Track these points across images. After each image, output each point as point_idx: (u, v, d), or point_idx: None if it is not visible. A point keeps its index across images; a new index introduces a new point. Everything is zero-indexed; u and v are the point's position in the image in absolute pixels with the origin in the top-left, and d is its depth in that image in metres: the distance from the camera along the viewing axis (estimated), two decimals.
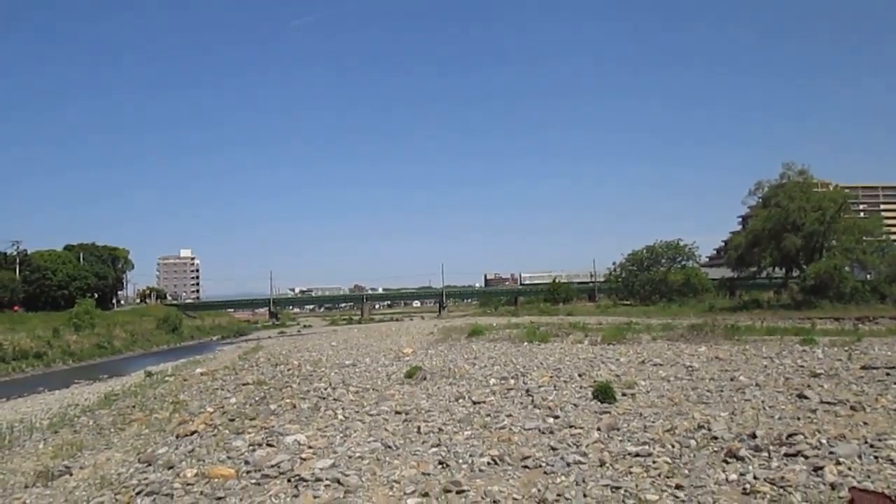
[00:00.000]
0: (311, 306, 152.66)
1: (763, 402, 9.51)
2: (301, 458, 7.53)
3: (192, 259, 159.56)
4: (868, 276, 53.51)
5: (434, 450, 7.66)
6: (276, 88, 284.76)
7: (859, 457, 6.22)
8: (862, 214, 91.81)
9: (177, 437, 10.05)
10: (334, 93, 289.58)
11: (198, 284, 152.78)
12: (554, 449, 7.34)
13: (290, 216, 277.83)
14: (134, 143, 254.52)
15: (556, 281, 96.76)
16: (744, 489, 5.52)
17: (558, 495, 5.62)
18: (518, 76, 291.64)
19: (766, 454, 6.52)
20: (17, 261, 71.48)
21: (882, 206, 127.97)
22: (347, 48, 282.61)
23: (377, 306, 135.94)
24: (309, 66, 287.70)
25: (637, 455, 6.77)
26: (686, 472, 6.13)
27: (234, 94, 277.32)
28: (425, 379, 14.11)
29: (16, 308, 65.60)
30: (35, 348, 41.72)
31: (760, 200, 57.42)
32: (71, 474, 8.28)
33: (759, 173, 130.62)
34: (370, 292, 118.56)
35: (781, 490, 5.37)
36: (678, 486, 5.65)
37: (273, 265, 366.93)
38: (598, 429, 8.19)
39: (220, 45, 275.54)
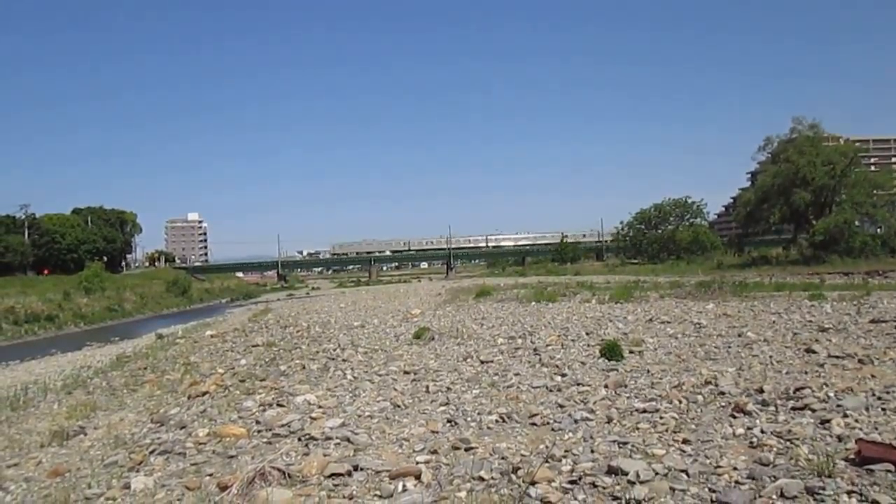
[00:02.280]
0: (319, 269, 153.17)
1: (770, 357, 9.51)
2: (311, 418, 7.61)
3: (200, 222, 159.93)
4: (878, 230, 53.13)
5: (442, 409, 7.72)
6: (279, 48, 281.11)
7: (866, 409, 6.22)
8: (873, 168, 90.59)
9: (188, 398, 10.17)
10: (340, 51, 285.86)
11: (206, 247, 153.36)
12: (561, 406, 7.38)
13: (298, 179, 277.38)
14: (140, 105, 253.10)
15: (564, 240, 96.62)
16: (751, 443, 5.54)
17: (566, 451, 5.66)
18: (521, 34, 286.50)
19: (773, 408, 6.53)
20: (26, 224, 71.85)
21: (894, 159, 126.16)
22: (351, 6, 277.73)
23: (385, 268, 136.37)
24: (313, 26, 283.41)
25: (644, 411, 6.80)
26: (693, 426, 6.16)
27: (238, 55, 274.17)
28: (433, 339, 14.18)
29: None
30: (47, 311, 42.24)
31: (770, 156, 56.79)
32: (85, 434, 8.42)
33: (768, 129, 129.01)
34: (378, 254, 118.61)
35: (788, 443, 5.38)
36: (685, 441, 5.67)
37: (280, 228, 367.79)
38: (606, 386, 8.21)
39: (221, 5, 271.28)
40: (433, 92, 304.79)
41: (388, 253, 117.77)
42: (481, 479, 5.10)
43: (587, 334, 13.47)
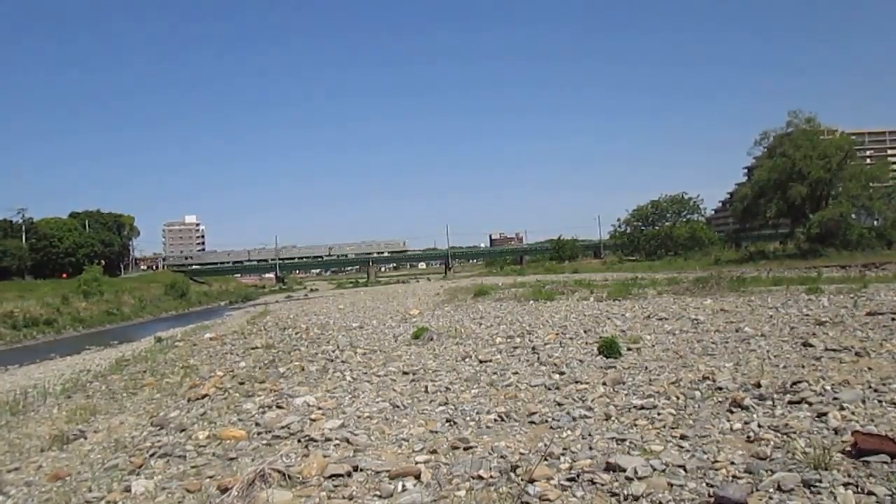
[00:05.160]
0: (317, 270, 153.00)
1: (768, 351, 9.55)
2: (310, 419, 7.62)
3: (198, 225, 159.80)
4: (875, 223, 53.23)
5: (441, 408, 7.74)
6: (276, 51, 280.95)
7: (863, 401, 6.25)
8: (869, 160, 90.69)
9: (188, 400, 10.17)
10: (337, 53, 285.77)
11: (204, 250, 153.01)
12: (560, 404, 7.40)
13: (295, 181, 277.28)
14: (137, 108, 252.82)
15: (561, 238, 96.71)
16: (748, 437, 5.57)
17: (564, 449, 5.68)
18: (518, 33, 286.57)
19: (770, 402, 6.56)
20: (24, 228, 71.76)
21: (889, 152, 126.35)
22: (348, 8, 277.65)
23: (383, 269, 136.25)
24: (308, 29, 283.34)
25: (642, 408, 6.83)
26: (691, 422, 6.19)
27: (234, 57, 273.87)
28: (432, 339, 14.19)
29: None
30: (45, 315, 42.05)
31: (766, 150, 56.88)
32: (85, 438, 8.40)
33: (765, 124, 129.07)
34: (376, 255, 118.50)
35: (785, 436, 5.42)
36: (683, 437, 5.70)
37: (278, 230, 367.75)
38: (604, 383, 8.24)
39: (217, 7, 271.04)
40: (431, 92, 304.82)
41: (386, 253, 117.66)
42: (480, 477, 5.12)
43: (585, 332, 13.49)
